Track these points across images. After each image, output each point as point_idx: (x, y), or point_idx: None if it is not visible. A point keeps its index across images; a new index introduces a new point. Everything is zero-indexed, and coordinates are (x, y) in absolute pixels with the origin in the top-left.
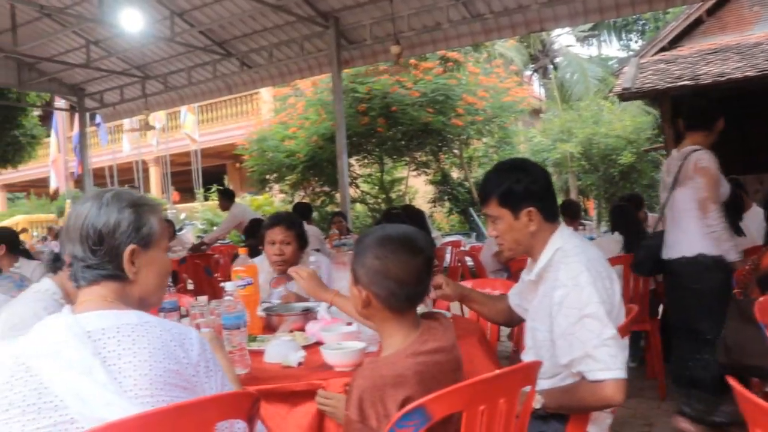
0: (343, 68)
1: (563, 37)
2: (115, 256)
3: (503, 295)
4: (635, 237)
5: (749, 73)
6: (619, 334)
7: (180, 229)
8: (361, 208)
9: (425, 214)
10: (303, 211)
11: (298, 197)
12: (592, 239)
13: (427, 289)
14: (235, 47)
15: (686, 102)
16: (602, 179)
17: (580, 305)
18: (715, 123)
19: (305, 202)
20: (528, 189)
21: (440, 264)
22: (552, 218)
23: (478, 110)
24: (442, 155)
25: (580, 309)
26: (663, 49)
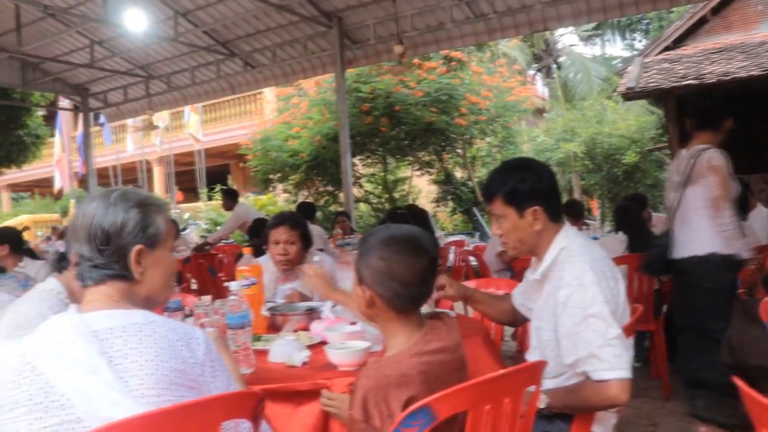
0: (347, 68)
1: (567, 37)
2: (121, 256)
3: (507, 294)
4: (639, 237)
5: (754, 73)
6: (623, 333)
7: (184, 229)
8: (364, 208)
9: (429, 214)
10: (307, 211)
11: (301, 197)
12: (595, 239)
13: (431, 290)
14: (238, 47)
15: (691, 101)
16: (606, 179)
17: (585, 305)
18: (723, 122)
19: (309, 201)
20: (533, 188)
21: (444, 264)
22: (557, 218)
23: (481, 110)
24: (445, 155)
25: (584, 309)
26: (667, 49)
